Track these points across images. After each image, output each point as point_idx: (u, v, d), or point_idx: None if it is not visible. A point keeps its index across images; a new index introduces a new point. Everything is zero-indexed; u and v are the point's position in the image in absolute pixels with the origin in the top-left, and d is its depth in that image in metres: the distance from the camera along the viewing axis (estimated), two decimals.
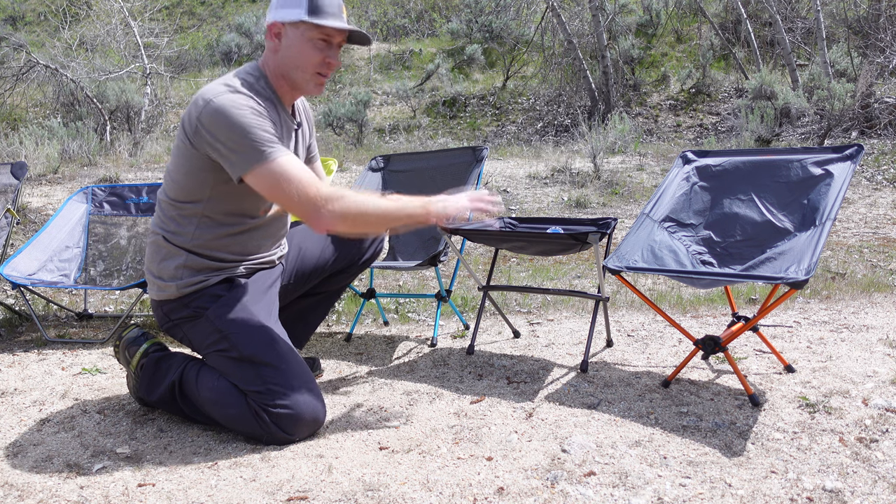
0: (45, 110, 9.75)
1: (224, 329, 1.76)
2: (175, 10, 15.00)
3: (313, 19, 1.73)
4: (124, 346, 1.96)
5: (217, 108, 1.65)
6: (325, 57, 1.78)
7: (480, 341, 2.58)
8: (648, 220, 2.30)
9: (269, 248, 1.94)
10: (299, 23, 1.74)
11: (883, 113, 7.57)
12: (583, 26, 10.65)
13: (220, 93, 1.67)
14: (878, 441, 1.66)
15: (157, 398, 1.88)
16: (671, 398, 1.95)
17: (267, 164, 1.64)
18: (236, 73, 1.78)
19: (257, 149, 1.64)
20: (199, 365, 1.83)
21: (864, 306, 2.96)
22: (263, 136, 1.65)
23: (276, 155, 1.64)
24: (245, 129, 1.64)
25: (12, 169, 3.17)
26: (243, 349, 1.73)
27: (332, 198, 1.64)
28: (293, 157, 1.69)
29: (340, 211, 1.65)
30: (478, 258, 4.21)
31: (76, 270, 3.15)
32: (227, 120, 1.64)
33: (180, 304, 1.81)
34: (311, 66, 1.78)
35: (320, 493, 1.46)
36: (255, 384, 1.70)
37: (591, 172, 6.53)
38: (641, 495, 1.43)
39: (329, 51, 1.78)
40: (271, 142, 1.65)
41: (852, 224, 5.04)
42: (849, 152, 2.17)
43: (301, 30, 1.75)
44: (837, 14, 10.28)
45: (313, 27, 1.74)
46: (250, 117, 1.65)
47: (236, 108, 1.65)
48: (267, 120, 1.68)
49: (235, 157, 1.65)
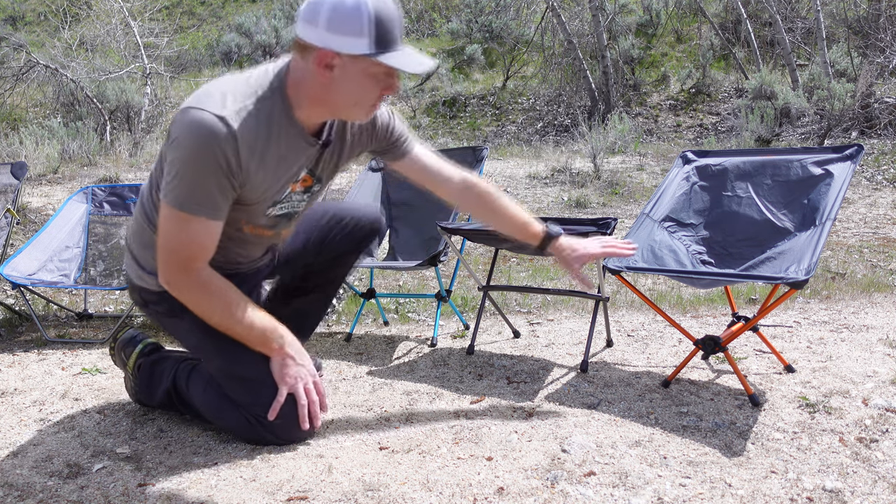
0: (45, 110, 9.75)
1: (203, 337, 1.68)
2: (175, 10, 14.99)
3: (381, 58, 1.45)
4: (119, 348, 1.95)
5: (188, 132, 1.46)
6: (385, 88, 1.53)
7: (480, 341, 2.58)
8: (648, 220, 2.30)
9: (254, 257, 1.82)
10: (361, 57, 1.46)
11: (883, 113, 7.56)
12: (583, 26, 10.65)
13: (203, 119, 1.45)
14: (878, 441, 1.66)
15: (157, 403, 1.88)
16: (671, 398, 1.95)
17: (177, 211, 1.50)
18: (245, 87, 1.53)
19: (187, 195, 1.49)
20: (188, 370, 1.80)
21: (864, 306, 2.96)
22: (200, 192, 1.49)
23: (192, 213, 1.50)
24: (194, 172, 1.47)
25: (12, 169, 3.17)
26: (227, 363, 1.69)
27: (189, 281, 1.56)
28: (206, 224, 1.52)
29: (179, 294, 1.59)
30: (478, 258, 4.21)
31: (76, 270, 3.15)
32: (185, 153, 1.47)
33: (159, 297, 1.69)
34: (369, 101, 1.54)
35: (320, 493, 1.46)
36: (243, 396, 1.68)
37: (591, 172, 6.53)
38: (641, 495, 1.43)
39: (390, 80, 1.52)
40: (199, 203, 1.49)
41: (852, 224, 5.04)
42: (849, 152, 2.18)
43: (362, 64, 1.47)
44: (837, 14, 10.28)
45: (379, 63, 1.46)
46: (203, 170, 1.47)
47: (200, 149, 1.45)
48: (223, 178, 1.48)
49: (168, 180, 1.51)
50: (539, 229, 1.89)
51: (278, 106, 1.54)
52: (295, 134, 1.58)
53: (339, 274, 2.11)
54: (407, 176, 1.90)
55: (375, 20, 1.43)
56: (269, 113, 1.53)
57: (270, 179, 1.59)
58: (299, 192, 1.70)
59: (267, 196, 1.61)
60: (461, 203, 1.92)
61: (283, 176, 1.61)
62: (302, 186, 1.69)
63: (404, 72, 1.48)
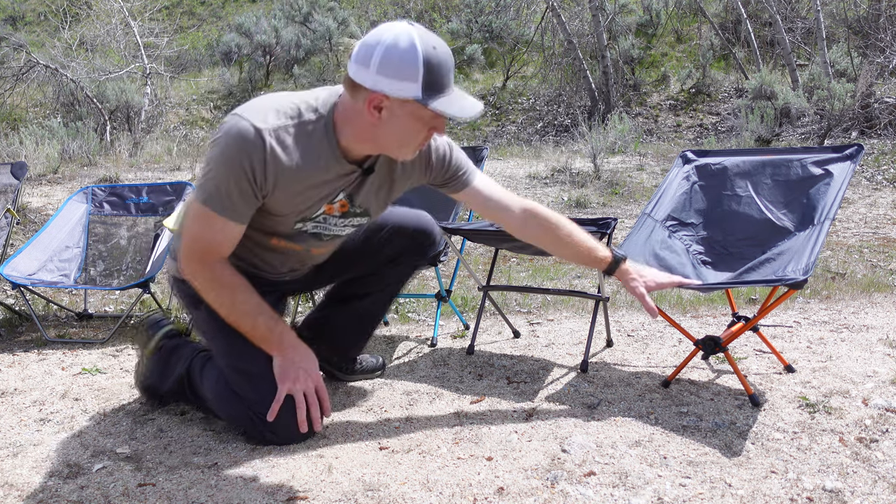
0: (45, 110, 9.76)
1: (216, 329, 1.73)
2: (175, 10, 14.99)
3: (432, 103, 1.47)
4: (145, 327, 1.98)
5: (225, 136, 1.53)
6: (432, 128, 1.55)
7: (480, 341, 2.58)
8: (650, 221, 2.30)
9: (281, 270, 1.85)
10: (410, 101, 1.48)
11: (883, 113, 7.57)
12: (583, 26, 10.65)
13: (240, 126, 1.52)
14: (878, 441, 1.66)
15: (167, 389, 1.90)
16: (671, 398, 1.95)
17: (201, 206, 1.57)
18: (292, 106, 1.58)
19: (213, 193, 1.55)
20: (205, 359, 1.85)
21: (864, 306, 2.96)
22: (225, 193, 1.54)
23: (215, 210, 1.56)
24: (222, 173, 1.53)
25: (12, 169, 3.17)
26: (235, 357, 1.72)
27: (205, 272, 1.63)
28: (227, 224, 1.58)
29: (195, 283, 1.65)
30: (478, 258, 4.21)
31: (76, 270, 3.15)
32: (217, 153, 1.54)
33: (183, 284, 1.78)
34: (416, 142, 1.57)
35: (320, 493, 1.46)
36: (247, 392, 1.70)
37: (591, 172, 6.53)
38: (641, 495, 1.43)
39: (436, 121, 1.54)
40: (221, 203, 1.55)
41: (852, 224, 5.04)
42: (849, 152, 2.18)
43: (411, 107, 1.48)
44: (837, 14, 10.28)
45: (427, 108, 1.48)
46: (229, 172, 1.53)
47: (230, 153, 1.52)
48: (246, 184, 1.54)
49: (201, 176, 1.59)
50: (605, 255, 1.88)
51: (321, 129, 1.59)
52: (333, 157, 1.61)
53: (394, 280, 2.09)
54: (468, 206, 1.96)
55: (426, 65, 1.44)
56: (309, 133, 1.58)
57: (300, 196, 1.62)
58: (336, 215, 1.72)
59: (295, 211, 1.65)
60: (523, 234, 1.89)
61: (314, 195, 1.64)
62: (339, 211, 1.71)
63: (448, 115, 1.50)
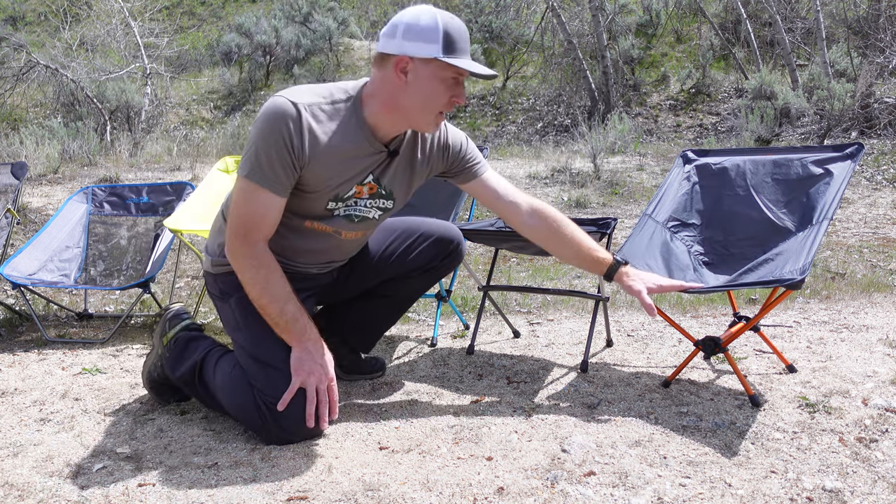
0: (45, 110, 9.76)
1: (241, 321, 1.80)
2: (175, 10, 15.00)
3: (449, 59, 1.64)
4: (167, 318, 2.01)
5: (264, 111, 1.66)
6: (453, 95, 1.70)
7: (480, 341, 2.58)
8: (651, 222, 2.30)
9: (313, 262, 1.91)
10: (432, 60, 1.64)
11: (883, 113, 7.57)
12: (583, 26, 10.66)
13: (277, 101, 1.65)
14: (878, 441, 1.66)
15: (178, 375, 1.91)
16: (671, 398, 1.95)
17: (246, 180, 1.67)
18: (324, 89, 1.73)
19: (255, 166, 1.65)
20: (222, 352, 1.88)
21: (864, 306, 2.96)
22: (266, 163, 1.65)
23: (258, 182, 1.66)
24: (262, 145, 1.64)
25: (12, 169, 3.17)
26: (255, 347, 1.76)
27: (246, 249, 1.70)
28: (269, 197, 1.67)
29: (235, 261, 1.72)
30: (478, 258, 4.21)
31: (76, 270, 3.15)
32: (257, 127, 1.66)
33: (213, 279, 1.89)
34: (438, 106, 1.70)
35: (320, 493, 1.46)
36: (262, 381, 1.72)
37: (591, 172, 6.53)
38: (641, 495, 1.43)
39: (457, 88, 1.71)
40: (264, 175, 1.65)
41: (852, 224, 5.04)
42: (849, 151, 2.18)
43: (432, 67, 1.65)
44: (837, 14, 10.29)
45: (447, 66, 1.65)
46: (269, 143, 1.64)
47: (269, 124, 1.64)
48: (285, 153, 1.64)
49: (244, 153, 1.70)
50: (605, 257, 1.91)
51: (349, 107, 1.73)
52: (361, 135, 1.73)
53: (420, 286, 2.14)
54: (476, 198, 2.03)
55: (445, 31, 1.64)
56: (339, 111, 1.72)
57: (333, 170, 1.72)
58: (365, 197, 1.81)
59: (329, 185, 1.74)
60: (528, 231, 1.95)
61: (345, 171, 1.74)
62: (368, 193, 1.80)
63: (470, 74, 1.65)
